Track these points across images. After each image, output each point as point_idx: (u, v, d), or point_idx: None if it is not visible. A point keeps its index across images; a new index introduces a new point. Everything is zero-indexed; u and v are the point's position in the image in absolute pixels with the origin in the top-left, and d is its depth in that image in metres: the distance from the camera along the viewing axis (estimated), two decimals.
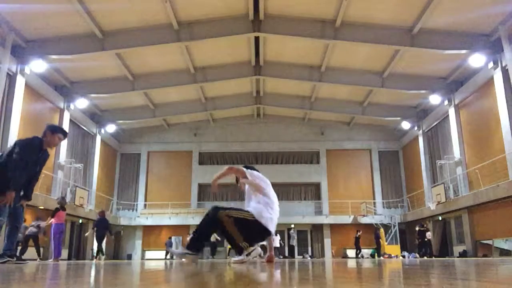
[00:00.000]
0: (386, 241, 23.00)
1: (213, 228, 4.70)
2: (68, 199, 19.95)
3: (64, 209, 11.39)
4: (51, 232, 11.26)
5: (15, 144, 5.30)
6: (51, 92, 19.38)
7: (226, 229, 4.55)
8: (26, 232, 12.95)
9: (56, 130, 5.55)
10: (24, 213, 5.78)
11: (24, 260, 6.21)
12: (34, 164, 5.42)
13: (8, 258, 5.38)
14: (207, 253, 23.30)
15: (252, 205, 4.84)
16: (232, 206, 4.87)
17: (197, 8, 16.30)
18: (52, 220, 11.14)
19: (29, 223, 13.96)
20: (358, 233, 22.28)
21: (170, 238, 24.46)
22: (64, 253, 19.99)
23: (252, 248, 4.69)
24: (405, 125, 24.65)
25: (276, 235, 22.80)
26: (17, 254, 10.90)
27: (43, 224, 12.82)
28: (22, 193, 5.50)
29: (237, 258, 4.70)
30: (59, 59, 17.71)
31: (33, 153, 5.31)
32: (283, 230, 25.35)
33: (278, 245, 22.94)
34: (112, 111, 24.41)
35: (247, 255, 4.67)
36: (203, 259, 17.78)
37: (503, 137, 16.20)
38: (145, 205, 27.19)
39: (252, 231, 4.66)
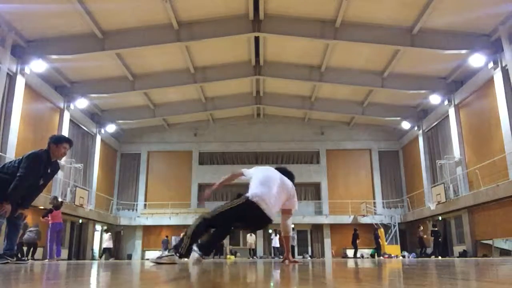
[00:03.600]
0: (386, 241, 22.99)
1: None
2: (68, 199, 19.98)
3: (58, 208, 11.25)
4: (47, 232, 11.21)
5: (23, 158, 5.19)
6: (51, 92, 19.38)
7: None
8: (24, 236, 12.91)
9: (60, 141, 5.35)
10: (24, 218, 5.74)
11: (24, 260, 6.18)
12: (39, 177, 5.31)
13: (9, 259, 5.36)
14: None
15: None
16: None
17: (197, 8, 16.30)
18: (49, 219, 11.06)
19: (30, 224, 13.94)
20: (356, 231, 22.26)
21: (167, 237, 24.45)
22: (64, 253, 19.98)
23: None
24: (405, 125, 24.65)
25: (276, 235, 22.83)
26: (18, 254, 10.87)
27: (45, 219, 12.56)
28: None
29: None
30: (59, 59, 17.71)
31: (40, 167, 5.20)
32: None
33: (278, 245, 22.93)
34: (112, 111, 24.41)
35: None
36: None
37: (503, 137, 16.20)
38: (145, 205, 27.18)
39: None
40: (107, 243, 19.58)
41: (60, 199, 12.43)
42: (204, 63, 20.41)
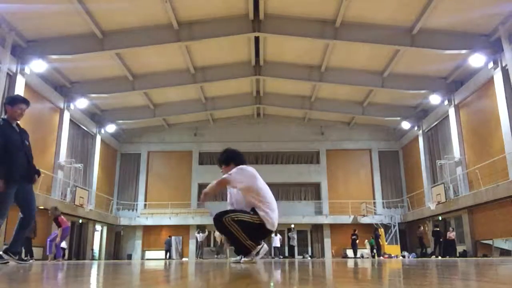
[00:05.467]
0: (386, 241, 23.00)
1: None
2: (68, 199, 19.99)
3: (59, 215, 11.46)
4: (54, 233, 11.33)
5: None
6: (51, 92, 19.38)
7: (231, 233, 4.54)
8: None
9: (14, 102, 5.11)
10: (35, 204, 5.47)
11: (26, 260, 6.11)
12: (22, 143, 5.12)
13: (8, 259, 5.32)
14: (211, 253, 23.32)
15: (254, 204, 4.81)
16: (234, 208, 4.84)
17: (197, 8, 16.30)
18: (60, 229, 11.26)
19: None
20: (354, 234, 22.19)
21: (170, 237, 24.47)
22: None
23: (259, 246, 4.66)
24: (405, 125, 24.65)
25: (276, 235, 22.85)
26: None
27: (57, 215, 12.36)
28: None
29: (246, 258, 4.65)
30: (59, 59, 17.72)
31: (6, 133, 4.95)
32: (283, 230, 25.35)
33: (278, 245, 22.96)
34: (112, 111, 24.41)
35: (256, 254, 4.63)
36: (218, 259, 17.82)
37: (503, 137, 16.21)
38: (145, 205, 27.19)
39: (256, 232, 4.66)
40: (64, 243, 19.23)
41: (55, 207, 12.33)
42: (204, 63, 20.41)
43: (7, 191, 4.93)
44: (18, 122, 5.28)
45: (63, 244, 18.97)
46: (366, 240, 23.23)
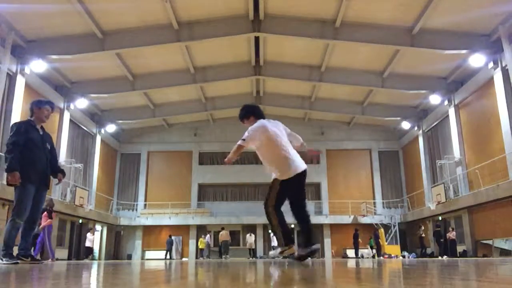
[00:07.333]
0: (386, 241, 22.98)
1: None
2: (68, 199, 19.99)
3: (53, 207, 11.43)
4: (45, 232, 11.16)
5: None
6: (51, 92, 19.36)
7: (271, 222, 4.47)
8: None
9: (42, 104, 5.38)
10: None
11: (39, 260, 6.04)
12: (42, 144, 5.27)
13: (7, 260, 5.31)
14: (215, 253, 23.32)
15: (268, 168, 4.58)
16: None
17: (197, 8, 16.30)
18: (50, 221, 11.08)
19: None
20: (356, 232, 22.23)
21: (170, 236, 24.47)
22: (64, 253, 20.01)
23: (286, 249, 4.50)
24: (405, 125, 24.65)
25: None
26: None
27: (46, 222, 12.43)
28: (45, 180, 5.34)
29: (273, 252, 4.57)
30: (59, 59, 17.71)
31: (28, 132, 5.10)
32: None
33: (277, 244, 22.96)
34: (112, 111, 24.40)
35: (280, 252, 4.52)
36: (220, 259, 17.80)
37: (503, 137, 16.20)
38: (145, 205, 27.18)
39: (283, 194, 4.40)
40: (91, 243, 19.27)
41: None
42: (204, 63, 20.41)
43: (27, 191, 5.01)
44: (43, 125, 5.42)
45: (88, 243, 18.99)
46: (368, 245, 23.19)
